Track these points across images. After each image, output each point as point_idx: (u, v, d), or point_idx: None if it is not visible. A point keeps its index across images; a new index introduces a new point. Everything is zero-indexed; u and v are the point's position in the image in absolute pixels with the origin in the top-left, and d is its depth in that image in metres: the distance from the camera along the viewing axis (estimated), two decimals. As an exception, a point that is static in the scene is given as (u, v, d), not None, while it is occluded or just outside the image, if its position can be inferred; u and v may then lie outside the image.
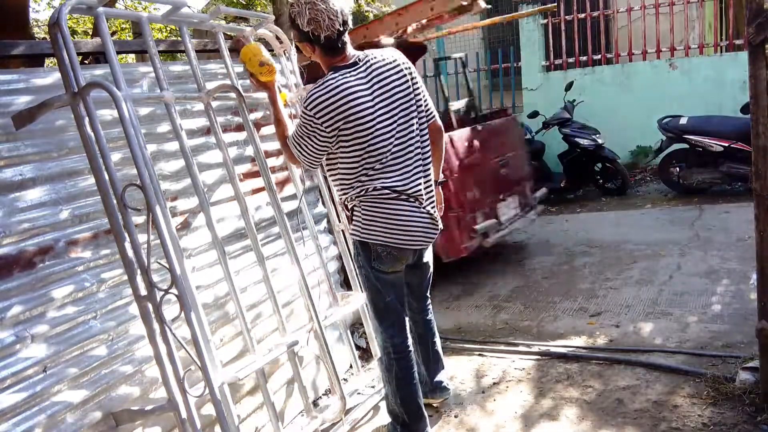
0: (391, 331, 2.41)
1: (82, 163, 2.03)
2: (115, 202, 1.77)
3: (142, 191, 1.78)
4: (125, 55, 4.93)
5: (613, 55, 7.54)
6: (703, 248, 4.41)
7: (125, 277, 1.91)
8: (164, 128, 2.42)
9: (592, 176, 6.66)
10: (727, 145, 5.51)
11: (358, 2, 7.86)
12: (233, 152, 2.68)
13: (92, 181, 1.89)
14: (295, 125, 2.27)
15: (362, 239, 2.29)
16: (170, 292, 1.76)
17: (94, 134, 1.78)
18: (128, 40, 7.13)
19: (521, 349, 3.26)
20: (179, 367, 1.80)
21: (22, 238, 1.88)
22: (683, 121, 5.78)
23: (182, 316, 1.80)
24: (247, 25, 3.75)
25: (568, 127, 6.45)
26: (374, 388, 2.98)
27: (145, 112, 2.38)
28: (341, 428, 2.61)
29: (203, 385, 1.84)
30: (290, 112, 2.82)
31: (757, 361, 2.43)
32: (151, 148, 2.30)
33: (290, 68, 3.02)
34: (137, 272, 1.79)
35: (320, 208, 3.26)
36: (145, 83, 2.40)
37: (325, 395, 3.01)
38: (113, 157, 1.92)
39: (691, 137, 5.70)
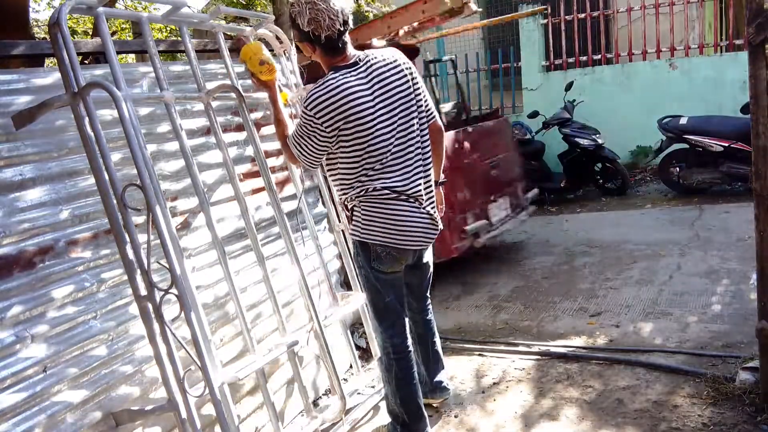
0: (390, 331, 2.41)
1: (82, 163, 2.03)
2: (115, 202, 1.77)
3: (142, 191, 1.78)
4: (125, 55, 4.93)
5: (613, 55, 7.53)
6: (703, 248, 4.41)
7: (125, 277, 1.91)
8: (164, 128, 2.42)
9: (592, 176, 6.66)
10: (727, 145, 5.51)
11: (358, 2, 7.86)
12: (233, 152, 2.68)
13: (92, 181, 1.89)
14: (295, 125, 2.27)
15: (362, 239, 2.29)
16: (170, 292, 1.76)
17: (94, 134, 1.78)
18: (128, 40, 7.12)
19: (521, 349, 3.26)
20: (179, 367, 1.80)
21: (22, 238, 1.88)
22: (683, 121, 5.78)
23: (182, 316, 1.80)
24: (247, 25, 3.75)
25: (568, 127, 6.45)
26: (374, 388, 2.98)
27: (145, 112, 2.38)
28: (341, 428, 2.61)
29: (203, 385, 1.84)
30: (290, 111, 2.82)
31: (757, 361, 2.43)
32: (151, 148, 2.30)
33: (290, 68, 3.02)
34: (137, 272, 1.79)
35: (320, 208, 3.26)
36: (145, 83, 2.40)
37: (325, 395, 3.01)
38: (113, 157, 1.92)
39: (691, 137, 5.70)
